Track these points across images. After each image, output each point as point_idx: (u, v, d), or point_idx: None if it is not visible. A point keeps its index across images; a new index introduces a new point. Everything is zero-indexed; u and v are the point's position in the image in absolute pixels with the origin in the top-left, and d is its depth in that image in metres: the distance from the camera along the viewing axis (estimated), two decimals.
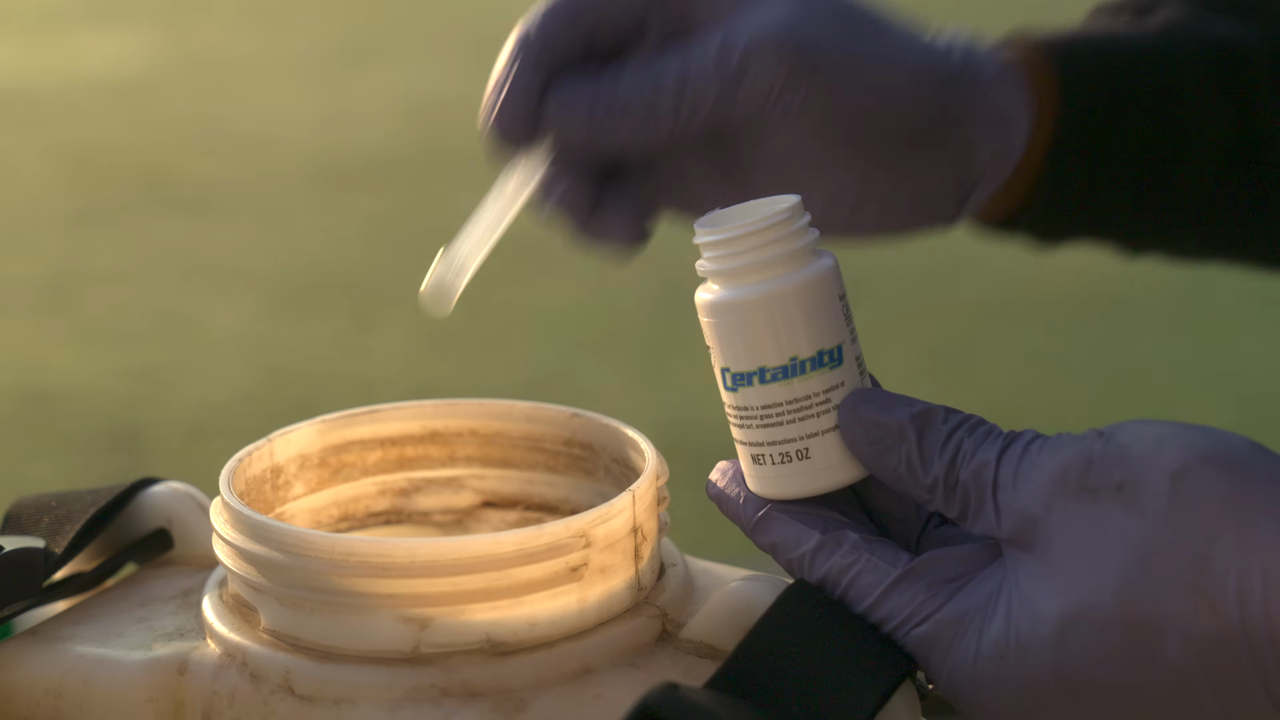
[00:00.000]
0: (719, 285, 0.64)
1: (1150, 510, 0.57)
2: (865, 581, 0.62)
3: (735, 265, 0.63)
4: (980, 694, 0.60)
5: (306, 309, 2.94)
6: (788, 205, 0.63)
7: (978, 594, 0.60)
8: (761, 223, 0.63)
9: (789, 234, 0.63)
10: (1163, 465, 0.58)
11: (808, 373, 0.63)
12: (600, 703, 0.62)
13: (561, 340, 2.80)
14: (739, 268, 0.63)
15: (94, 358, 2.75)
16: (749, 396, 0.64)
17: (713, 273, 0.64)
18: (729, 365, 0.64)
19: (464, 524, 0.77)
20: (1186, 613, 0.56)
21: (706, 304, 0.64)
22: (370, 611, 0.62)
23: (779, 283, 0.63)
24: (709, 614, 0.65)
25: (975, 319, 2.85)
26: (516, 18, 0.72)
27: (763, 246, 0.63)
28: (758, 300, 0.63)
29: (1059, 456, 0.59)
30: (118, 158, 3.78)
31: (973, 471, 0.60)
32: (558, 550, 0.63)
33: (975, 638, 0.60)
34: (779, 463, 0.64)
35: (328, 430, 0.74)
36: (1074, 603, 0.58)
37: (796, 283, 0.63)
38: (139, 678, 0.65)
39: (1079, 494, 0.58)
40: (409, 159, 3.76)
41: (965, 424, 0.62)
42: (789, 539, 0.63)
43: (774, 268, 0.63)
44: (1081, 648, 0.58)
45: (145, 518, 0.74)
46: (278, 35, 4.97)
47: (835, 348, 0.63)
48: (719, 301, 0.64)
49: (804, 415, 0.63)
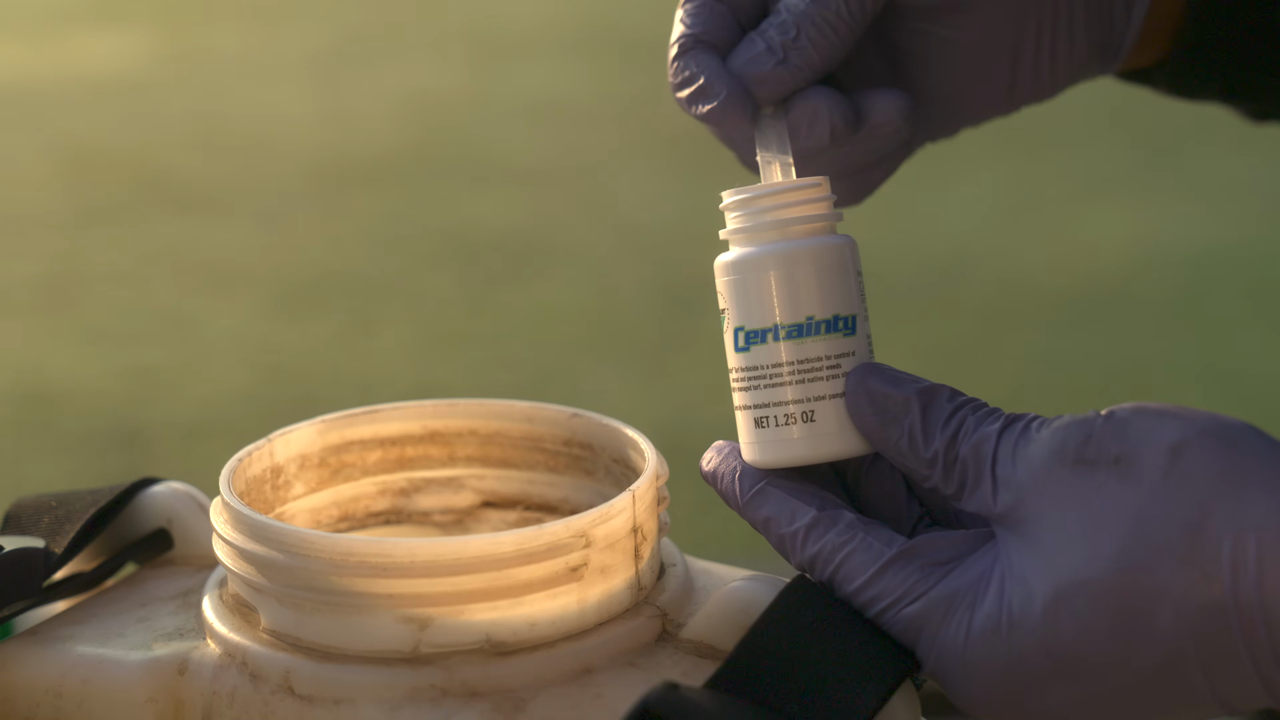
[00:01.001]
0: (739, 246, 0.65)
1: (1146, 482, 0.58)
2: (858, 560, 0.62)
3: (757, 223, 0.65)
4: (971, 673, 0.60)
5: (306, 309, 2.94)
6: (814, 179, 0.66)
7: (970, 573, 0.61)
8: (786, 186, 0.65)
9: (811, 201, 0.65)
10: (1161, 439, 0.58)
11: (820, 334, 0.64)
12: (600, 703, 0.62)
13: (561, 340, 2.80)
14: (760, 225, 0.65)
15: (94, 358, 2.75)
16: (759, 355, 0.64)
17: (734, 233, 0.66)
18: (743, 323, 0.65)
19: (464, 524, 0.77)
20: (1180, 584, 0.57)
21: (726, 263, 0.65)
22: (370, 611, 0.62)
23: (799, 244, 0.64)
24: (709, 614, 0.65)
25: (975, 319, 2.85)
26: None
27: (785, 208, 0.65)
28: (776, 257, 0.64)
29: (1058, 432, 0.60)
30: (118, 158, 3.78)
31: (973, 446, 0.61)
32: (558, 550, 0.63)
33: (967, 616, 0.60)
34: (783, 424, 0.64)
35: (328, 430, 0.74)
36: (1067, 575, 0.58)
37: (815, 246, 0.64)
38: (139, 678, 0.65)
39: (1076, 466, 0.59)
40: (409, 159, 3.75)
41: (970, 404, 0.63)
42: (784, 514, 0.64)
43: (794, 230, 0.65)
44: (1074, 621, 0.58)
45: (145, 518, 0.74)
46: (278, 35, 4.97)
47: (850, 316, 0.64)
48: (739, 259, 0.65)
49: (812, 377, 0.64)
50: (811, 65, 0.72)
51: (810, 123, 0.72)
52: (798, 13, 0.72)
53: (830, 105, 0.72)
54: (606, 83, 4.26)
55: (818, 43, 0.72)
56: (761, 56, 0.71)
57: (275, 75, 4.53)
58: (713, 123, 0.71)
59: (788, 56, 0.71)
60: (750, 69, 0.71)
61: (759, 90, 0.71)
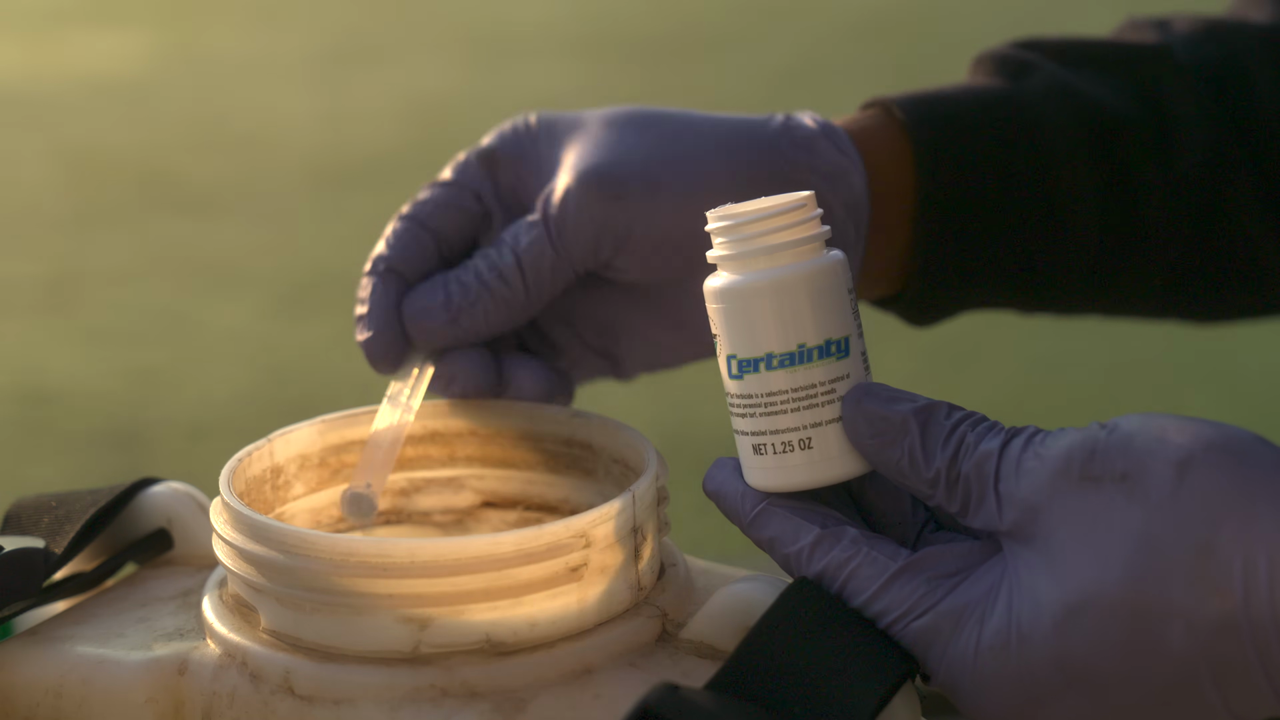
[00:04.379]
0: (729, 271, 0.64)
1: (1155, 499, 0.58)
2: (864, 575, 0.62)
3: (746, 250, 0.64)
4: (981, 687, 0.60)
5: (306, 309, 2.94)
6: (800, 196, 0.64)
7: (978, 587, 0.60)
8: (774, 209, 0.64)
9: (800, 223, 0.64)
10: (1167, 455, 0.58)
11: (814, 361, 0.63)
12: (600, 703, 0.62)
13: None
14: (749, 252, 0.64)
15: (94, 358, 2.75)
16: (754, 384, 0.64)
17: (723, 259, 0.64)
18: (735, 351, 0.64)
19: (464, 524, 0.77)
20: (1191, 600, 0.57)
21: (716, 290, 0.64)
22: (370, 611, 0.62)
23: (789, 270, 0.63)
24: (709, 614, 0.65)
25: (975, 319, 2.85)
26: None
27: (774, 233, 0.63)
28: (767, 285, 0.63)
29: (1062, 447, 0.60)
30: (118, 158, 3.78)
31: (975, 464, 0.61)
32: (558, 550, 0.63)
33: (976, 629, 0.60)
34: (781, 452, 0.64)
35: (328, 430, 0.74)
36: (1077, 591, 0.58)
37: (806, 271, 0.63)
38: (139, 678, 0.65)
39: (1082, 483, 0.59)
40: (409, 159, 3.75)
41: (968, 419, 0.62)
42: (787, 533, 0.63)
43: (784, 255, 0.64)
44: (1084, 636, 0.58)
45: (145, 518, 0.74)
46: (278, 35, 4.97)
47: (842, 339, 0.64)
48: (728, 287, 0.64)
49: (808, 404, 0.63)
50: (478, 333, 0.76)
51: (448, 383, 0.76)
52: (484, 279, 0.75)
53: (472, 370, 0.76)
54: (606, 83, 4.26)
55: (491, 316, 0.75)
56: (436, 310, 0.75)
57: (275, 75, 4.53)
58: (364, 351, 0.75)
59: (458, 319, 0.75)
60: (421, 318, 0.75)
61: (419, 338, 0.75)
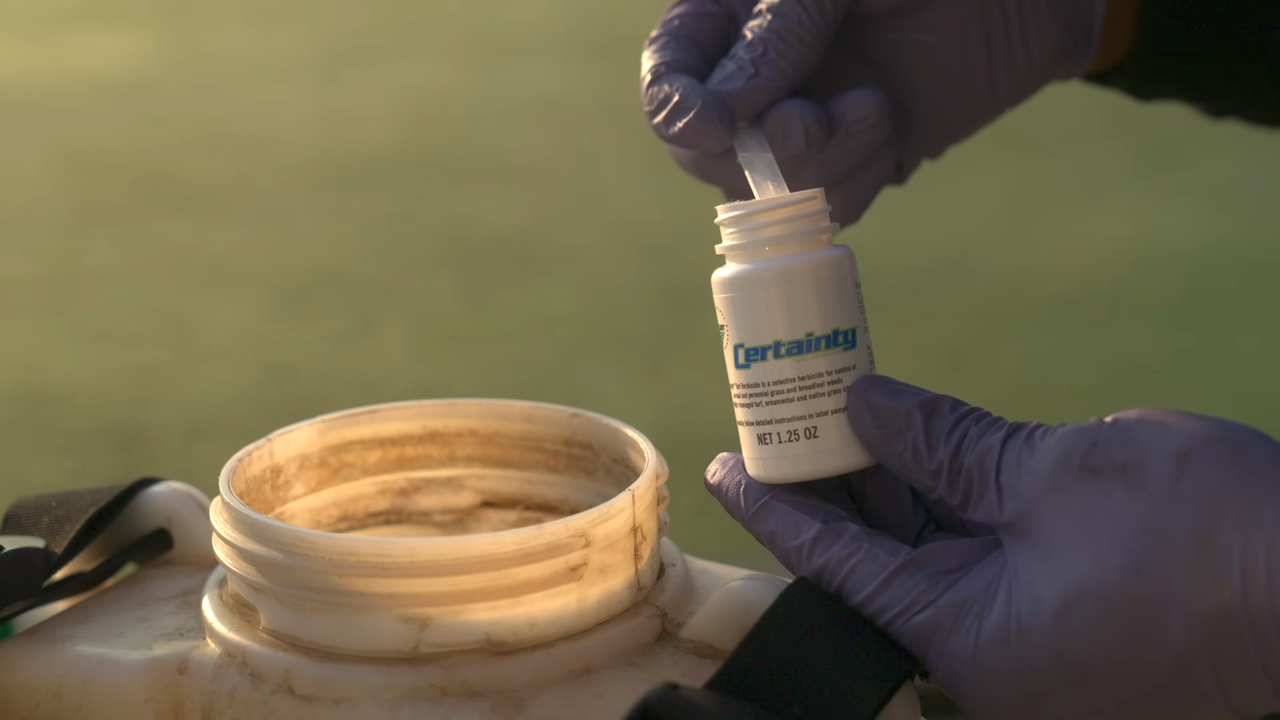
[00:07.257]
0: (737, 262, 0.65)
1: (1154, 490, 0.58)
2: (865, 571, 0.62)
3: (754, 240, 0.64)
4: (981, 681, 0.60)
5: (306, 309, 2.94)
6: (809, 191, 0.65)
7: (978, 581, 0.61)
8: (782, 201, 0.65)
9: (808, 215, 0.65)
10: (1167, 447, 0.58)
11: (821, 350, 0.64)
12: (600, 703, 0.62)
13: (561, 340, 2.80)
14: (757, 242, 0.64)
15: (94, 358, 2.75)
16: (760, 372, 0.64)
17: (731, 249, 0.65)
18: (743, 340, 0.65)
19: (464, 524, 0.77)
20: (1190, 591, 0.57)
21: (724, 280, 0.65)
22: (370, 611, 0.62)
23: (797, 259, 0.64)
24: (708, 614, 0.65)
25: (975, 319, 2.85)
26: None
27: (782, 224, 0.64)
28: (775, 274, 0.64)
29: (1063, 440, 0.60)
30: (118, 158, 3.78)
31: (977, 456, 0.61)
32: (557, 550, 0.63)
33: (976, 623, 0.60)
34: (786, 441, 0.64)
35: (328, 430, 0.74)
36: (1076, 583, 0.58)
37: (813, 261, 0.64)
38: (139, 678, 0.65)
39: (1082, 474, 0.59)
40: (409, 159, 3.75)
41: (972, 414, 0.63)
42: (789, 528, 0.64)
43: (791, 245, 0.64)
44: (1083, 628, 0.58)
45: (145, 518, 0.74)
46: (278, 35, 4.97)
47: (850, 330, 0.64)
48: (736, 276, 0.65)
49: (814, 393, 0.64)
50: (783, 76, 0.73)
51: (784, 131, 0.72)
52: (762, 31, 0.73)
53: (802, 112, 0.72)
54: (606, 83, 4.26)
55: (786, 54, 0.73)
56: (733, 75, 0.72)
57: (275, 75, 4.53)
58: (690, 137, 0.71)
59: (759, 71, 0.72)
60: (723, 87, 0.72)
61: (733, 105, 0.71)
